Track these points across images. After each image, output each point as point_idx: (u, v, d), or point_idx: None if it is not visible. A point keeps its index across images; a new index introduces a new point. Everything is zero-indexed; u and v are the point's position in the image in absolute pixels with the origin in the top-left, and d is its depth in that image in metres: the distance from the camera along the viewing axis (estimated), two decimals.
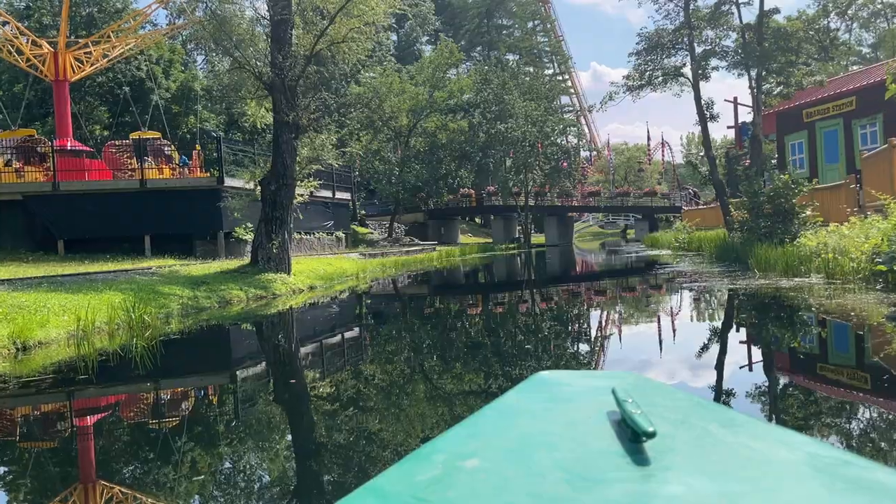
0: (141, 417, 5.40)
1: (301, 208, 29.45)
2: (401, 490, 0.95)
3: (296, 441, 4.64)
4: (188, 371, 7.57)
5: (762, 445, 1.02)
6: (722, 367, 6.08)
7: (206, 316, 11.23)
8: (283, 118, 14.22)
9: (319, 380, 6.67)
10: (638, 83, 20.96)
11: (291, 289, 14.30)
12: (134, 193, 22.59)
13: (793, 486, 0.91)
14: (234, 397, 6.09)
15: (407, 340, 8.98)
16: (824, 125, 23.39)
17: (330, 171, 32.75)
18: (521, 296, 14.56)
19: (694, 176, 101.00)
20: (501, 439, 1.09)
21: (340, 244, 31.54)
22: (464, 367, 6.85)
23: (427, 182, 43.05)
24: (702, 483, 0.90)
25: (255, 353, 8.72)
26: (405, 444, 4.13)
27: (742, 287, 11.62)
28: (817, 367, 5.88)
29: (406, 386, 6.09)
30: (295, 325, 10.72)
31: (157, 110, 39.76)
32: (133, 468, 4.04)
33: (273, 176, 14.61)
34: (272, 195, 14.58)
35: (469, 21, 79.97)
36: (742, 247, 15.84)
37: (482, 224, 62.74)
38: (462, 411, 4.82)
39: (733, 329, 8.32)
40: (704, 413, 1.17)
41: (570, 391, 1.30)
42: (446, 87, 44.15)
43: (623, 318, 10.07)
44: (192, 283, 12.78)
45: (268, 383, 6.80)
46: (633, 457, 0.98)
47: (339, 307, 13.52)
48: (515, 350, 7.69)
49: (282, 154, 14.46)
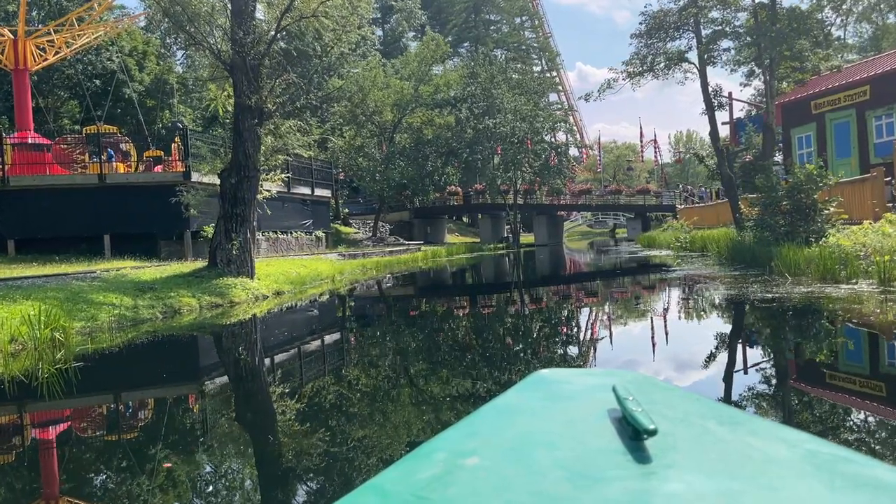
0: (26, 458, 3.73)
1: (277, 206, 27.77)
2: (401, 488, 0.94)
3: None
4: (104, 398, 5.94)
5: (762, 443, 1.02)
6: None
7: (147, 329, 9.55)
8: (245, 101, 12.52)
9: (265, 410, 5.06)
10: (639, 69, 19.35)
11: (254, 295, 12.60)
12: (92, 190, 20.82)
13: (793, 483, 0.90)
14: (158, 426, 4.50)
15: (383, 365, 7.34)
16: (835, 117, 21.93)
17: (309, 167, 31.05)
18: (513, 304, 12.94)
19: (682, 175, 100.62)
20: (501, 437, 1.08)
21: (320, 244, 29.82)
22: (455, 411, 5.22)
23: (412, 179, 41.31)
24: (702, 481, 0.90)
25: (190, 375, 7.05)
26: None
27: (782, 296, 9.51)
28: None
29: (375, 424, 4.45)
30: (248, 339, 9.05)
31: (130, 104, 37.98)
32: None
33: (234, 167, 12.91)
34: (232, 189, 12.88)
35: (456, 16, 78.25)
36: (758, 247, 14.27)
37: (469, 223, 61.29)
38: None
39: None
40: (705, 411, 1.15)
41: (571, 389, 1.27)
42: (432, 82, 42.48)
43: (649, 339, 8.40)
44: (137, 290, 11.07)
45: (197, 416, 5.15)
46: (634, 455, 0.97)
47: (306, 316, 11.86)
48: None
49: (243, 142, 12.76)
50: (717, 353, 6.81)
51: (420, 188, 42.42)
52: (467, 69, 44.79)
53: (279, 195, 27.12)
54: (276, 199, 27.01)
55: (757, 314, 8.90)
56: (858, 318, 7.76)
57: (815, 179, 13.36)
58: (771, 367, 6.19)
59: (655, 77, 19.35)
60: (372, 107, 39.78)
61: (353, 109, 40.13)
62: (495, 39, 78.01)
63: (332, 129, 41.28)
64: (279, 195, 27.12)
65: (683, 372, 5.96)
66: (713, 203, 30.63)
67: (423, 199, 45.62)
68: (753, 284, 11.25)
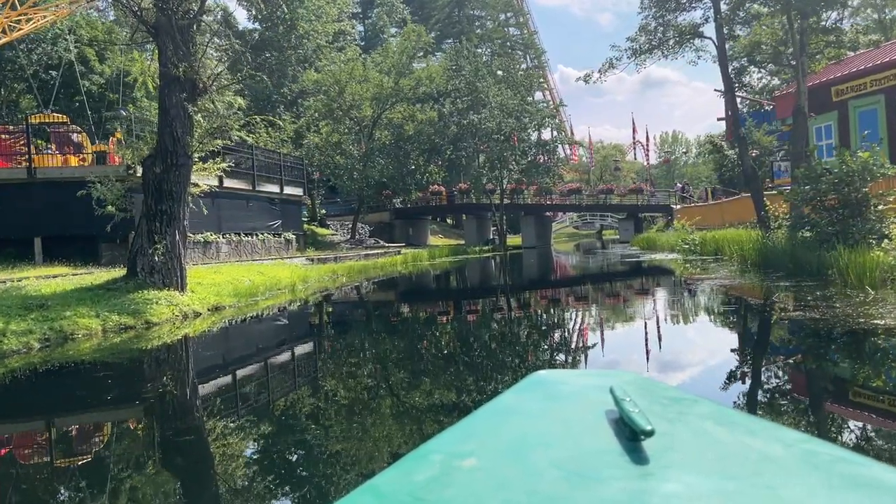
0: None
1: (241, 205, 25.15)
2: (398, 490, 0.94)
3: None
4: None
5: (759, 443, 1.02)
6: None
7: (18, 363, 7.03)
8: (172, 72, 10.00)
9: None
10: (646, 46, 16.93)
11: (181, 312, 10.04)
12: (20, 185, 18.22)
13: (790, 483, 0.90)
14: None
15: (321, 421, 4.86)
16: (860, 104, 19.69)
17: (278, 163, 28.49)
18: (501, 311, 10.50)
19: (668, 176, 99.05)
20: (499, 438, 1.08)
21: (290, 247, 27.23)
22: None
23: (393, 178, 38.72)
24: (700, 481, 0.90)
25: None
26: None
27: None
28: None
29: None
30: (134, 382, 6.53)
31: (91, 97, 35.32)
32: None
33: (158, 154, 10.37)
34: (157, 180, 10.33)
35: (439, 11, 75.93)
36: (801, 250, 11.86)
37: (454, 224, 58.98)
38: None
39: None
40: (702, 411, 1.15)
41: (568, 390, 1.28)
42: (414, 75, 39.95)
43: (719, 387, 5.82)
44: (22, 308, 8.53)
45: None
46: (632, 455, 0.97)
47: (242, 342, 9.36)
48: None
49: (170, 122, 10.22)
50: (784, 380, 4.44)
51: (401, 187, 39.88)
52: (451, 61, 42.32)
53: (243, 193, 24.56)
54: (239, 197, 24.50)
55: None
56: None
57: (871, 169, 11.03)
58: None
59: (664, 56, 16.95)
60: (349, 101, 37.26)
61: (329, 104, 37.57)
62: (480, 35, 75.72)
63: (308, 125, 38.69)
64: (243, 193, 24.56)
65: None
66: (717, 202, 28.39)
67: (405, 198, 43.13)
68: (835, 305, 8.11)
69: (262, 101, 43.38)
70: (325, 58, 41.30)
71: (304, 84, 39.88)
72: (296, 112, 41.70)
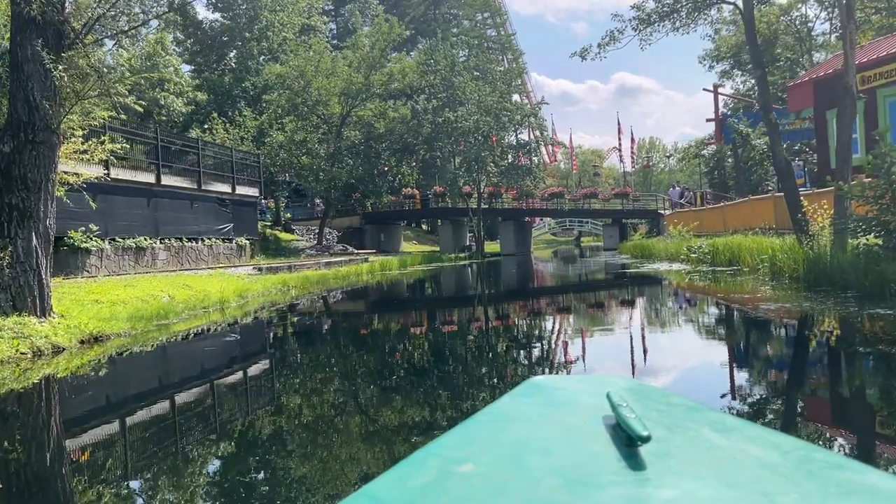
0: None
1: (184, 206, 21.91)
2: (395, 495, 0.93)
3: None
4: None
5: (756, 449, 1.01)
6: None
7: None
8: (26, 11, 7.11)
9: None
10: (654, 16, 14.24)
11: (32, 348, 7.09)
12: None
13: (787, 489, 0.89)
14: None
15: None
16: (889, 92, 17.25)
17: (230, 159, 25.49)
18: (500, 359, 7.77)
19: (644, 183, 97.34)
20: (496, 444, 1.07)
21: (243, 253, 24.24)
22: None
23: (362, 179, 35.74)
24: (697, 487, 0.89)
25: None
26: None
27: None
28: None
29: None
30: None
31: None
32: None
33: (8, 126, 7.46)
34: (5, 162, 7.41)
35: (414, 9, 73.30)
36: (875, 262, 9.18)
37: (429, 230, 56.27)
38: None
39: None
40: (699, 417, 1.14)
41: (565, 396, 1.26)
42: (385, 69, 37.11)
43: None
44: None
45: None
46: (629, 461, 0.96)
47: (120, 398, 6.50)
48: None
49: (24, 83, 7.33)
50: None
51: (371, 189, 36.92)
52: (426, 56, 39.58)
53: (186, 192, 21.56)
54: (182, 196, 21.44)
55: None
56: None
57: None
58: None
59: (674, 27, 14.32)
60: (315, 96, 34.33)
61: (292, 98, 34.62)
62: (456, 35, 73.26)
63: (270, 121, 35.69)
64: (186, 192, 21.56)
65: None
66: (718, 205, 25.90)
67: (376, 202, 40.21)
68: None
69: (222, 97, 40.36)
70: (291, 51, 38.30)
71: (266, 77, 36.89)
72: (259, 109, 38.69)
